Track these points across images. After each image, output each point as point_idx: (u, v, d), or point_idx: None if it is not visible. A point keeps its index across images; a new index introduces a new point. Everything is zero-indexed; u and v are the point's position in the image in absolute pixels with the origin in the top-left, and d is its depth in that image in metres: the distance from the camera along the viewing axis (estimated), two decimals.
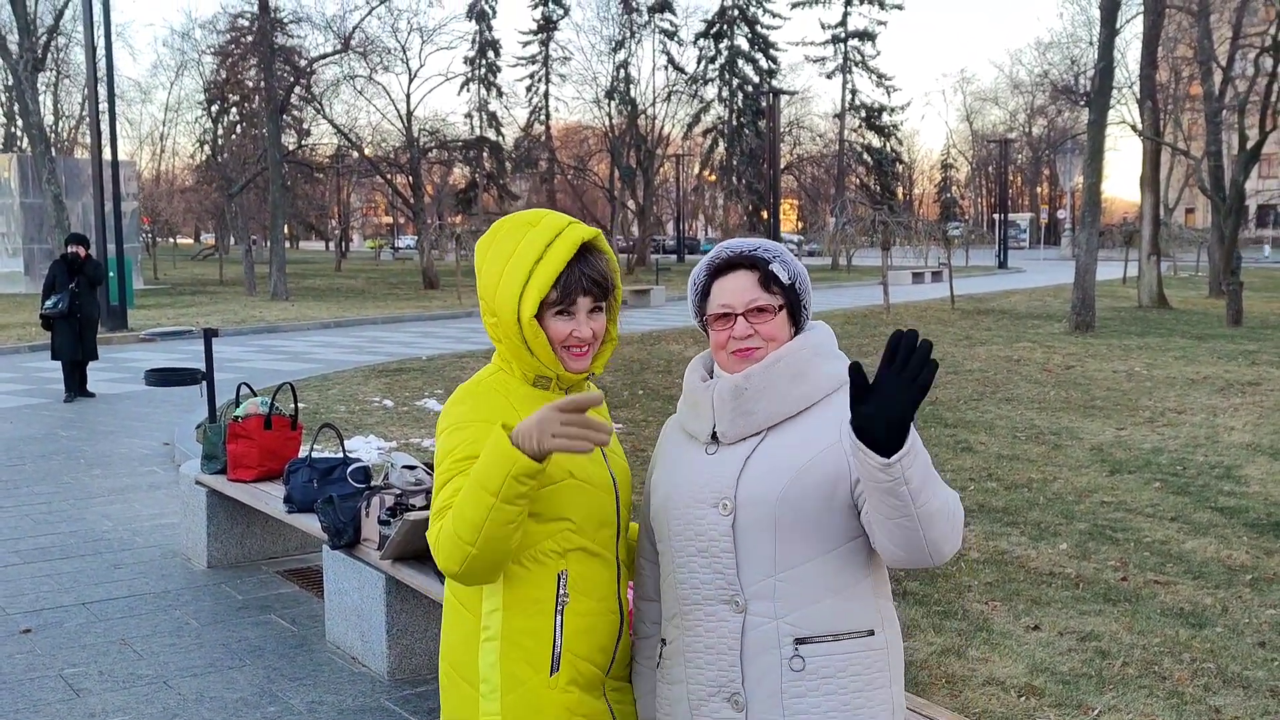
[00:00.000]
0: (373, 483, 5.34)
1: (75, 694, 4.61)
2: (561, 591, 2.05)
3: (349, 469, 5.37)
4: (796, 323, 2.13)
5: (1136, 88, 28.17)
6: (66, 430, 10.96)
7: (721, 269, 2.12)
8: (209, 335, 7.50)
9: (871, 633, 2.00)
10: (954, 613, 5.39)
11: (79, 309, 12.84)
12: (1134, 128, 28.72)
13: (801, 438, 2.01)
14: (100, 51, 22.44)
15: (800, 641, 1.96)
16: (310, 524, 5.28)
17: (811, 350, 2.07)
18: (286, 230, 62.83)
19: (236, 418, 6.16)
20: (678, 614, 2.07)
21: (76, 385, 13.12)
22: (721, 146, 60.87)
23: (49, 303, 12.78)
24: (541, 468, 1.87)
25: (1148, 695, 4.41)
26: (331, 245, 70.87)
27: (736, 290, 2.07)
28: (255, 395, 6.35)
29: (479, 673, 2.06)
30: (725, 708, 2.00)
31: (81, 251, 12.94)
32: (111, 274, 21.49)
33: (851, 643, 1.98)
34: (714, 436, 2.08)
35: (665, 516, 2.08)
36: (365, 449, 9.17)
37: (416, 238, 44.61)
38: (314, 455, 5.70)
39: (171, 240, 72.99)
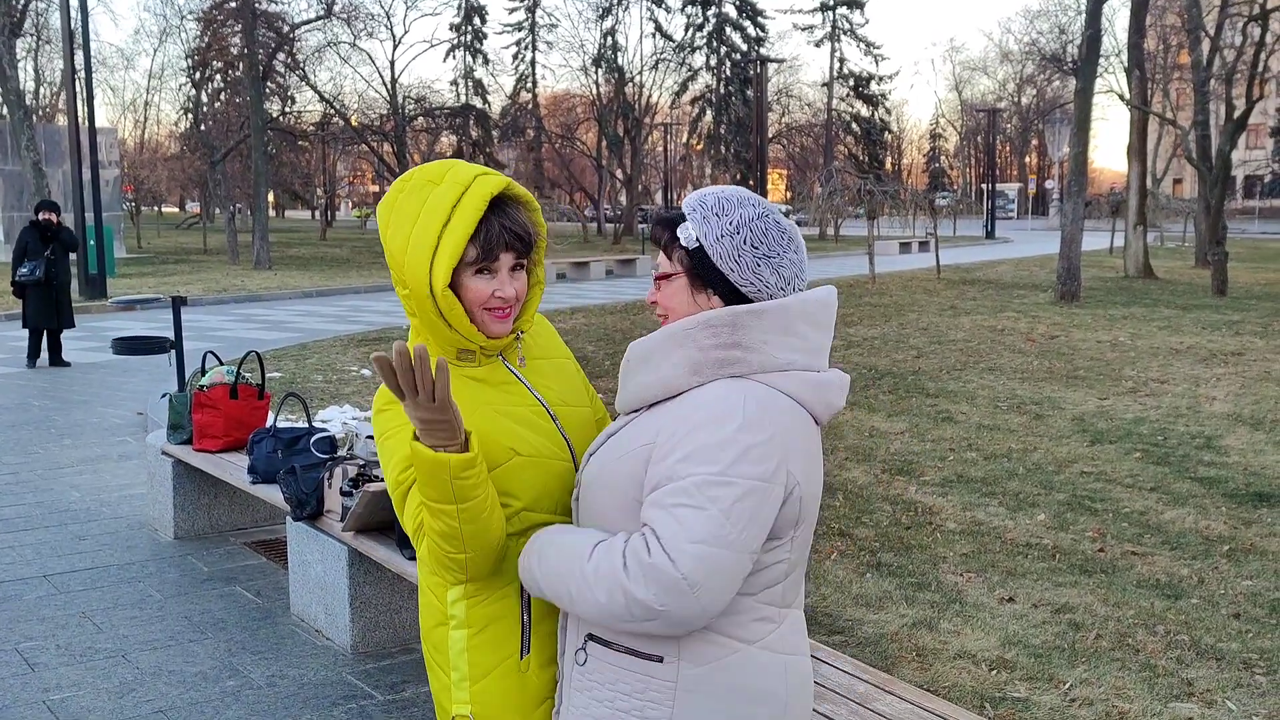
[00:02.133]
0: (337, 453, 5.24)
1: (30, 668, 4.52)
2: None
3: (313, 439, 5.27)
4: (722, 291, 1.80)
5: (1124, 56, 28.01)
6: (39, 400, 10.83)
7: None
8: (177, 303, 7.37)
9: (659, 659, 1.76)
10: (927, 584, 5.33)
11: (55, 276, 12.69)
12: (1122, 97, 28.59)
13: (641, 428, 1.80)
14: (77, 15, 22.10)
15: (590, 637, 1.83)
16: (274, 495, 5.19)
17: (701, 327, 1.76)
18: (272, 199, 62.42)
19: (202, 387, 6.05)
20: None
21: (48, 352, 13.03)
22: (709, 115, 60.53)
23: (24, 270, 12.62)
24: (474, 455, 1.73)
25: (1120, 668, 4.35)
26: (317, 214, 70.44)
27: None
28: (222, 364, 6.24)
29: (449, 660, 1.98)
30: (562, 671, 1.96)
31: (54, 218, 12.77)
32: (91, 242, 21.28)
33: (629, 659, 1.78)
34: None
35: None
36: (339, 419, 9.06)
37: None
38: (280, 425, 5.60)
39: (156, 209, 72.47)
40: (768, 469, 1.67)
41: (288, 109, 43.22)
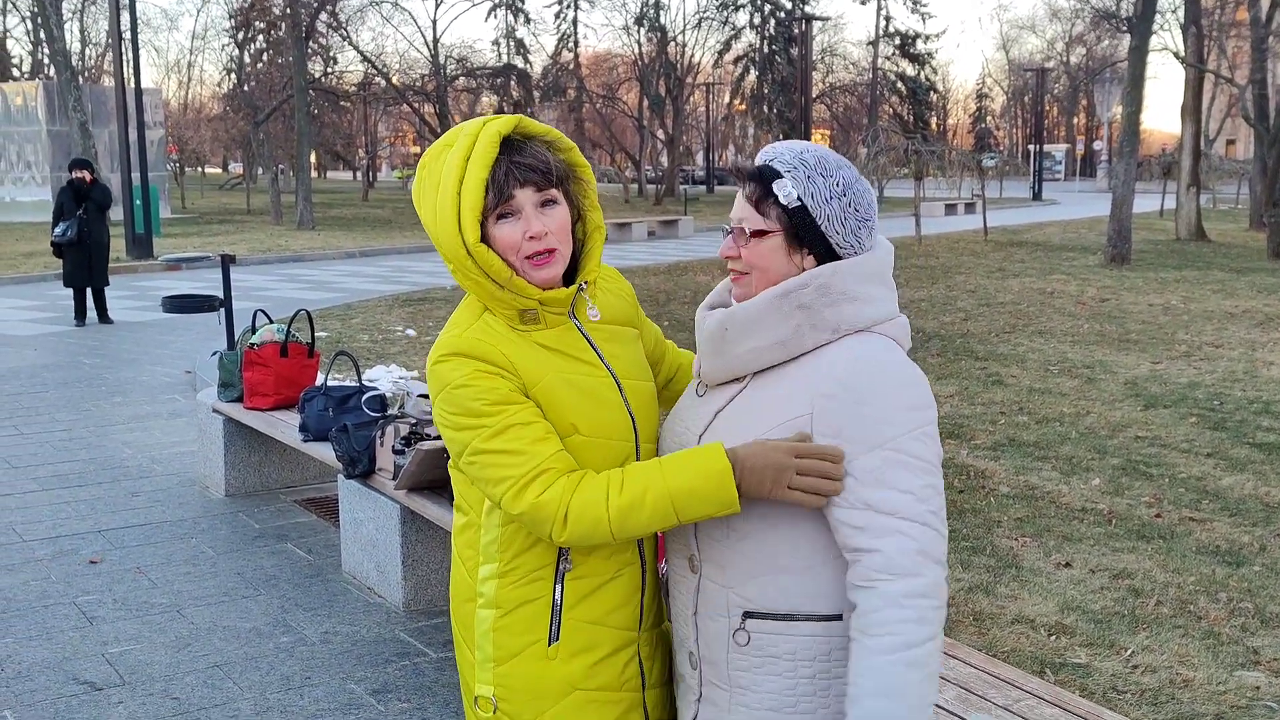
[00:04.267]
0: (388, 411, 5.23)
1: (89, 622, 4.56)
2: (563, 558, 1.85)
3: (364, 397, 5.27)
4: (820, 251, 1.77)
5: (1180, 13, 27.38)
6: (89, 358, 10.94)
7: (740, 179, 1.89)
8: (226, 262, 7.39)
9: (838, 618, 1.75)
10: (982, 549, 5.26)
11: (88, 235, 12.80)
12: (1177, 55, 27.96)
13: (774, 398, 1.76)
14: None
15: (749, 615, 1.77)
16: (325, 453, 5.19)
17: (815, 290, 1.74)
18: (314, 159, 62.66)
19: (253, 345, 6.06)
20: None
21: (92, 310, 13.23)
22: (752, 75, 59.89)
23: (58, 230, 12.78)
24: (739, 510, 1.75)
25: (1183, 635, 4.27)
26: (359, 175, 70.66)
27: (736, 205, 1.83)
28: (272, 322, 6.25)
29: (475, 638, 1.90)
30: (686, 662, 1.88)
31: (87, 176, 12.87)
32: (137, 202, 21.44)
33: (809, 625, 1.75)
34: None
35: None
36: (386, 378, 9.07)
37: None
38: (330, 383, 5.61)
39: (200, 169, 72.97)
40: (933, 410, 1.75)
41: (330, 69, 43.27)
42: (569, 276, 1.91)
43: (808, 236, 1.77)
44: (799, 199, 1.75)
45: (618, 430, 1.85)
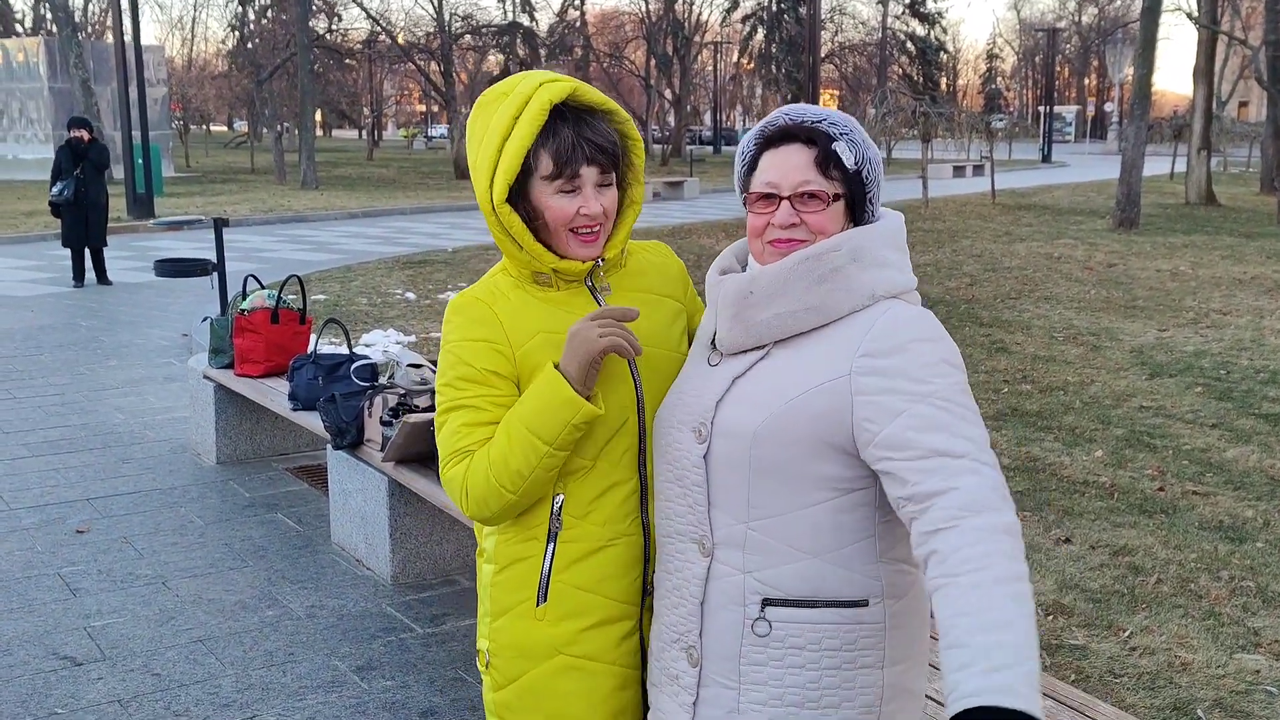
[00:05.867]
0: (378, 381, 5.15)
1: (72, 594, 4.50)
2: (554, 517, 1.83)
3: (353, 366, 5.18)
4: (857, 217, 1.75)
5: None
6: (86, 320, 10.86)
7: (775, 139, 1.74)
8: (219, 224, 7.27)
9: (865, 603, 1.66)
10: None
11: (85, 195, 12.69)
12: (1190, 15, 27.55)
13: (805, 363, 1.66)
14: None
15: (769, 603, 1.66)
16: (314, 423, 5.11)
17: (848, 253, 1.68)
18: (319, 118, 62.28)
19: (243, 311, 5.97)
20: (659, 543, 1.83)
21: (87, 271, 13.17)
22: (760, 34, 59.27)
23: (54, 190, 12.69)
24: (601, 412, 1.73)
25: (1182, 616, 4.19)
26: (364, 134, 70.22)
27: (787, 167, 1.70)
28: (263, 287, 6.15)
29: (481, 592, 1.94)
30: (682, 659, 1.75)
31: (85, 135, 12.73)
32: (138, 161, 21.28)
33: (833, 612, 1.65)
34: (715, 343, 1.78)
35: (655, 430, 1.82)
36: (383, 343, 9.00)
37: (449, 126, 44.01)
38: (322, 350, 5.52)
39: (204, 127, 72.57)
40: (965, 374, 1.69)
41: (334, 26, 42.88)
42: None
43: (860, 202, 1.75)
44: (856, 163, 1.73)
45: (615, 395, 1.83)
